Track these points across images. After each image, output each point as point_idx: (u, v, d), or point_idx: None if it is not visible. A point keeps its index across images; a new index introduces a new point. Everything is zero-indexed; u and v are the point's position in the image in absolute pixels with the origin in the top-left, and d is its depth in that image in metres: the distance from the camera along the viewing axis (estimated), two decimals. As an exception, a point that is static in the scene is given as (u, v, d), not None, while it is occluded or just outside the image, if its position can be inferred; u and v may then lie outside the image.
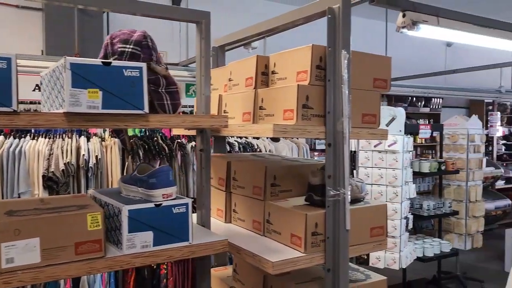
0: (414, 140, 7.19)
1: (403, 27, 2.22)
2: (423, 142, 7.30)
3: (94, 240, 1.22)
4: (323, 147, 5.95)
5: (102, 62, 1.20)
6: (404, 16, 2.20)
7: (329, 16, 1.44)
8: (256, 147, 3.57)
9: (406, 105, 7.25)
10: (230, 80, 1.87)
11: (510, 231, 5.41)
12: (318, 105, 1.47)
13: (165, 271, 3.19)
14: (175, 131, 2.07)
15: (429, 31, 2.35)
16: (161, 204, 1.33)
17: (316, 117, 1.47)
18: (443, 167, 4.72)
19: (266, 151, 3.62)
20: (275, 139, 3.82)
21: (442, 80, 7.29)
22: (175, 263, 3.20)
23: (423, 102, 7.39)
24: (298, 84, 1.44)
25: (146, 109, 1.26)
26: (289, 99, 1.46)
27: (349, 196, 1.49)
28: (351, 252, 1.56)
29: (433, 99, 7.39)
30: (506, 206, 7.68)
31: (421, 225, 6.45)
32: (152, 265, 3.15)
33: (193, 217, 1.65)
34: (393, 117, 4.11)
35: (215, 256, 2.20)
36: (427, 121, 7.43)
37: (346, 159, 1.47)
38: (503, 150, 8.69)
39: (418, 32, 2.29)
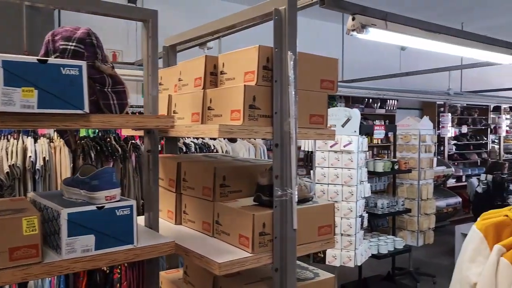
0: (371, 141, 7.39)
1: (353, 30, 2.27)
2: (379, 142, 7.52)
3: (30, 245, 1.17)
4: (282, 147, 5.99)
5: (38, 59, 1.15)
6: (353, 19, 2.25)
7: (276, 17, 1.45)
8: (212, 148, 3.55)
9: (362, 106, 7.44)
10: (180, 80, 1.84)
11: (460, 227, 5.64)
12: (265, 106, 1.48)
13: (119, 276, 3.12)
14: (124, 132, 2.03)
15: (378, 35, 2.41)
16: (103, 206, 1.29)
17: (263, 118, 1.48)
18: (396, 167, 4.88)
19: (223, 152, 3.61)
20: (232, 140, 3.81)
21: (397, 82, 7.53)
22: (129, 267, 3.12)
23: (379, 104, 7.61)
24: (244, 85, 1.44)
25: (86, 109, 1.23)
26: (236, 100, 1.46)
27: (296, 196, 1.50)
28: (299, 251, 1.58)
29: (388, 100, 7.61)
30: (457, 203, 8.03)
31: (377, 223, 6.63)
32: (105, 269, 3.07)
33: (141, 219, 1.62)
34: (349, 118, 4.20)
35: (167, 259, 2.17)
36: (383, 122, 7.65)
37: (293, 159, 1.48)
38: (454, 150, 9.07)
39: (367, 35, 2.35)
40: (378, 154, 7.68)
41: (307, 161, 5.67)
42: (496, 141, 9.97)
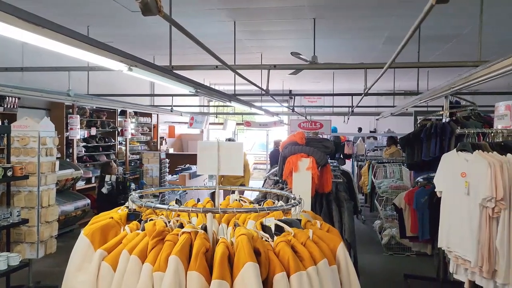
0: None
1: None
2: (-3, 145, 6.53)
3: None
4: None
5: None
6: None
7: None
8: None
9: (-30, 102, 6.26)
10: None
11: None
12: None
13: None
14: None
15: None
16: None
17: None
18: (9, 173, 4.30)
19: None
20: None
21: (19, 77, 6.78)
22: None
23: (-5, 101, 6.61)
24: None
25: None
26: None
27: None
28: None
29: (7, 98, 6.73)
30: (86, 205, 8.04)
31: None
32: None
33: None
34: None
35: None
36: (1, 122, 6.70)
37: None
38: (84, 152, 9.06)
39: None
40: (-5, 158, 6.66)
41: None
42: (123, 142, 10.70)
